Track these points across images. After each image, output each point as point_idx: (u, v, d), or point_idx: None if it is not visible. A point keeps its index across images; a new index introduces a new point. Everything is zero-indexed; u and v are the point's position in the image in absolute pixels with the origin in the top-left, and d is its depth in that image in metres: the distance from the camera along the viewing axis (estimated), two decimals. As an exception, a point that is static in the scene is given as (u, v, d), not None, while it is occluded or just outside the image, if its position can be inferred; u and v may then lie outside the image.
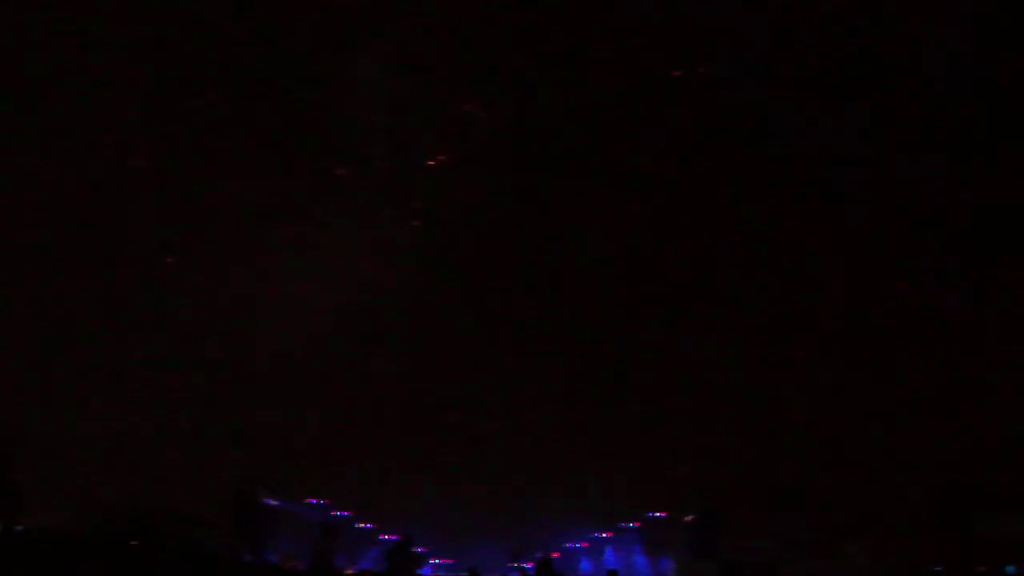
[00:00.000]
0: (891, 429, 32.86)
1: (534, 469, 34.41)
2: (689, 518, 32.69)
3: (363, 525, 35.90)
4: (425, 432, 34.56)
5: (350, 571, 29.16)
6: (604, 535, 37.45)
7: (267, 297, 33.24)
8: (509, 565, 36.67)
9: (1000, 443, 30.87)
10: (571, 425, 34.53)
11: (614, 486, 34.48)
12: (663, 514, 34.63)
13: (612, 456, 34.53)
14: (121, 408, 32.62)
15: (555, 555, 38.36)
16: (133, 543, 20.81)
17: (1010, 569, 28.16)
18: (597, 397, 35.06)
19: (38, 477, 28.71)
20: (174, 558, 19.18)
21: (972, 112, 29.40)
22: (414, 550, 19.35)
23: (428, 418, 34.79)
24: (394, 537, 23.17)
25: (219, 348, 33.29)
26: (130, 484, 31.79)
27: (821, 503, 32.37)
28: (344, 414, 33.73)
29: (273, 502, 32.04)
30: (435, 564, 37.37)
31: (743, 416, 33.70)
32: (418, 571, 19.52)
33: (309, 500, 34.09)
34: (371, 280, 33.41)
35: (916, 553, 30.73)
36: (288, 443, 33.28)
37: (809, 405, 33.46)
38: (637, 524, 36.05)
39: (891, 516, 31.61)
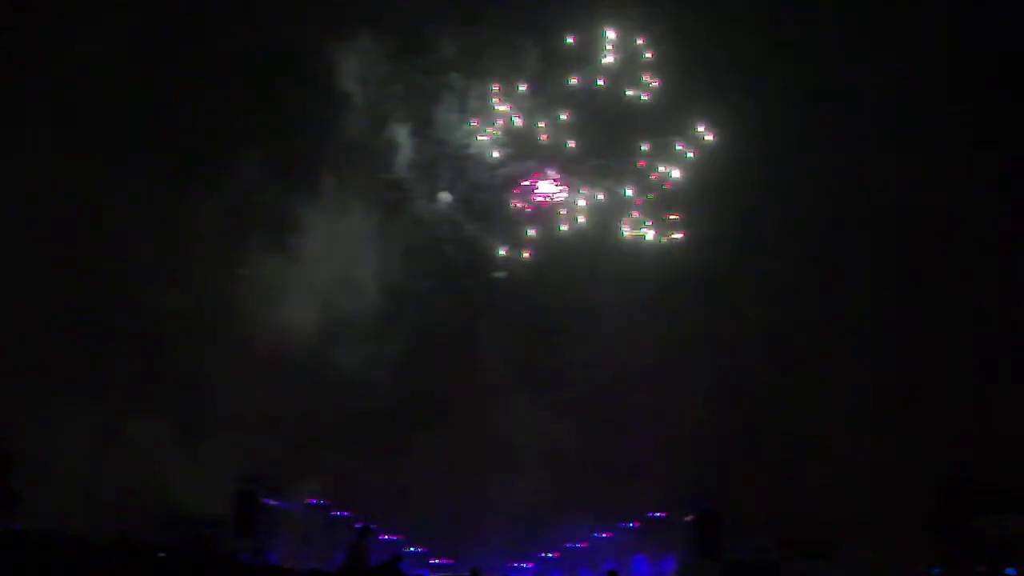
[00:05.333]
0: (891, 429, 32.89)
1: (534, 469, 34.41)
2: (689, 518, 32.65)
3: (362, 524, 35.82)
4: (425, 432, 34.63)
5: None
6: (604, 535, 37.40)
7: (262, 297, 33.48)
8: (509, 564, 36.69)
9: (1000, 443, 30.90)
10: (571, 425, 34.58)
11: (614, 486, 34.50)
12: (663, 514, 34.59)
13: (613, 456, 34.62)
14: (121, 409, 32.66)
15: (555, 555, 38.39)
16: (133, 543, 20.78)
17: (1010, 572, 28.17)
18: (597, 397, 35.16)
19: (38, 477, 28.72)
20: (174, 558, 19.15)
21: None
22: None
23: (428, 418, 34.87)
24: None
25: (216, 350, 33.44)
26: (129, 484, 31.79)
27: (821, 503, 32.36)
28: (344, 414, 33.77)
29: (273, 502, 32.02)
30: (435, 564, 37.35)
31: (744, 416, 33.77)
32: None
33: (309, 500, 34.07)
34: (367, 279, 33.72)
35: (916, 553, 30.71)
36: (288, 442, 33.34)
37: (809, 406, 33.50)
38: (637, 524, 36.00)
39: (891, 516, 31.59)
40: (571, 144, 34.24)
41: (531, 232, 34.77)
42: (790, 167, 33.78)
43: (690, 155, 33.91)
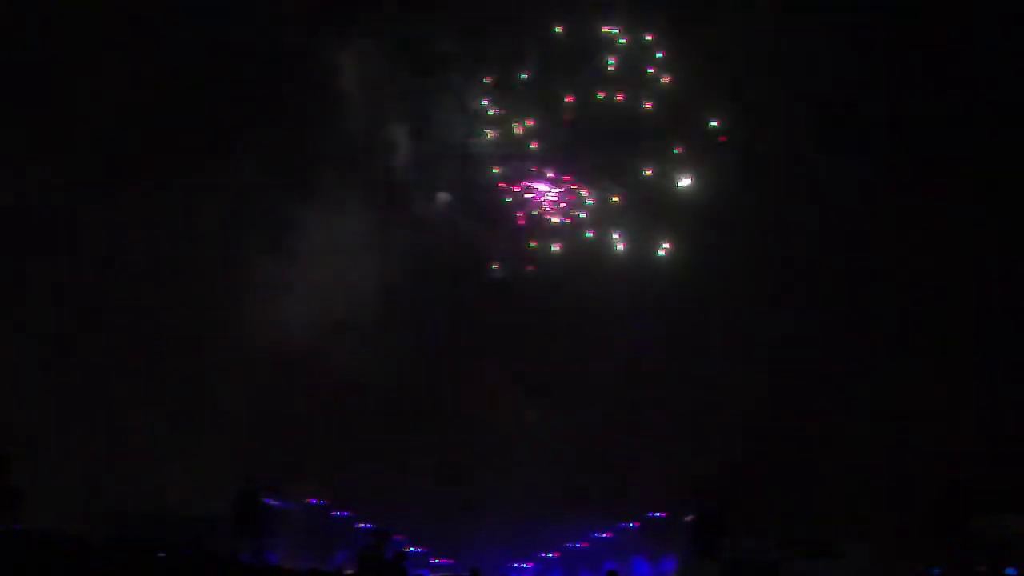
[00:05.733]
0: (891, 429, 32.89)
1: (534, 468, 34.45)
2: (689, 518, 32.65)
3: (364, 525, 35.89)
4: (425, 432, 34.65)
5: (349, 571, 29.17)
6: (604, 535, 37.43)
7: (260, 298, 33.55)
8: (509, 564, 36.72)
9: (1000, 443, 30.90)
10: (571, 425, 34.61)
11: (614, 486, 34.52)
12: (663, 514, 34.62)
13: (614, 456, 34.64)
14: (121, 409, 32.67)
15: (555, 555, 38.41)
16: (133, 543, 20.79)
17: (1011, 572, 28.17)
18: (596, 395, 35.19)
19: (38, 477, 28.73)
20: (174, 558, 19.15)
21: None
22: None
23: (428, 418, 34.89)
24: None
25: (215, 350, 33.48)
26: (130, 484, 31.80)
27: (820, 503, 32.36)
28: (343, 414, 33.79)
29: (273, 502, 32.04)
30: (435, 564, 37.37)
31: (743, 416, 33.79)
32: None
33: (309, 500, 34.09)
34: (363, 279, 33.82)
35: (916, 553, 30.72)
36: (288, 442, 33.35)
37: (809, 406, 33.51)
38: (637, 524, 36.02)
39: (891, 516, 31.60)
40: (571, 146, 34.28)
41: (531, 238, 34.92)
42: (788, 170, 33.87)
43: (693, 161, 33.95)
